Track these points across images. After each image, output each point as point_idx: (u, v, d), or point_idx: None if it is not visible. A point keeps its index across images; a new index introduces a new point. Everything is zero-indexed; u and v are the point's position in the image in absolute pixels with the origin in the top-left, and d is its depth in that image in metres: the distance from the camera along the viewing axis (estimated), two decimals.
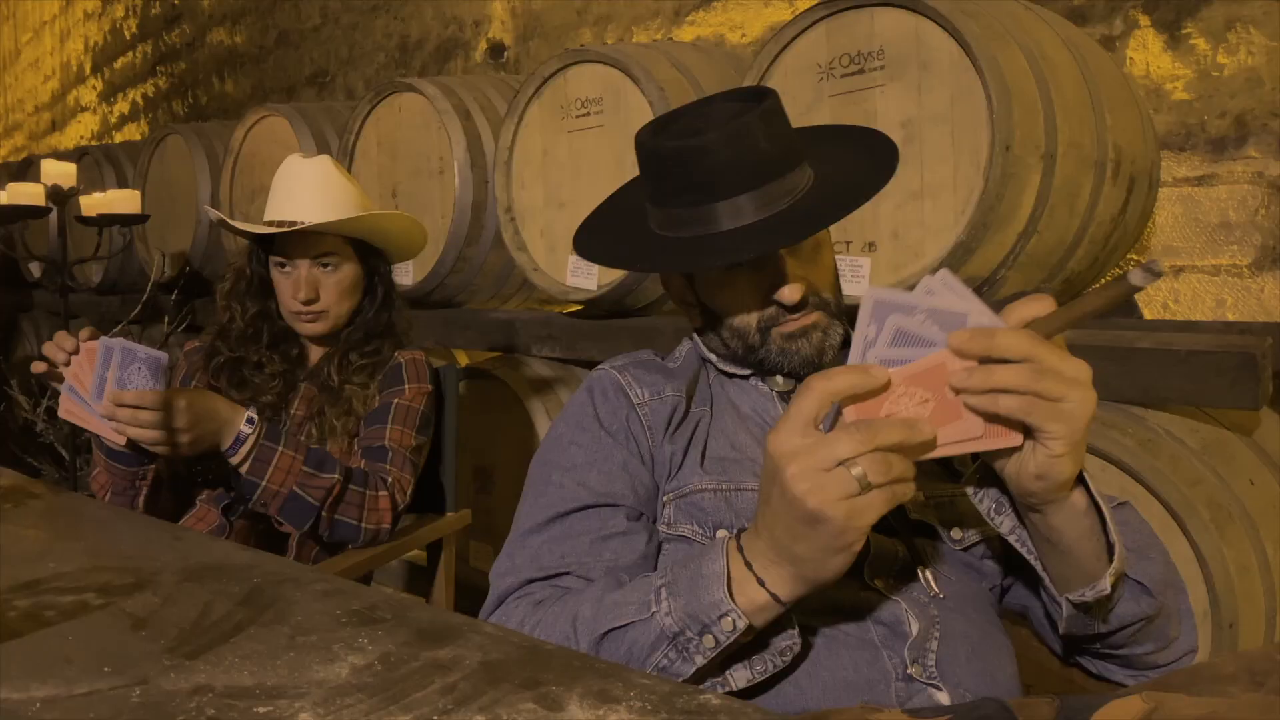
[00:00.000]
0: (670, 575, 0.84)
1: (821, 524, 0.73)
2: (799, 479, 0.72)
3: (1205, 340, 1.57)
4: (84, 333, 1.44)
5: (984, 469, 0.86)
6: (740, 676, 0.84)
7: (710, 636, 0.80)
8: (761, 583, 0.79)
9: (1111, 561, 0.80)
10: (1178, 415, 1.63)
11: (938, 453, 0.75)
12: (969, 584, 1.00)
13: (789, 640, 0.85)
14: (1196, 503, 1.41)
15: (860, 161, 1.08)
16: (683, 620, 0.81)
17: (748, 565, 0.80)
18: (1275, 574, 1.46)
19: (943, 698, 0.88)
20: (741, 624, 0.79)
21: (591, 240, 1.13)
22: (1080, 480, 0.80)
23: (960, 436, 0.75)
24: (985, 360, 0.73)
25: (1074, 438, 0.74)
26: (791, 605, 0.80)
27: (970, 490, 0.89)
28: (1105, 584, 0.81)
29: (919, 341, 0.75)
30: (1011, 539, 0.87)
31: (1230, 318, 2.03)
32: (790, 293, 1.01)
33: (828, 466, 0.72)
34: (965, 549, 1.01)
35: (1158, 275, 0.68)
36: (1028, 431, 0.75)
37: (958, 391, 0.74)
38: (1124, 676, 0.96)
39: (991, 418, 0.74)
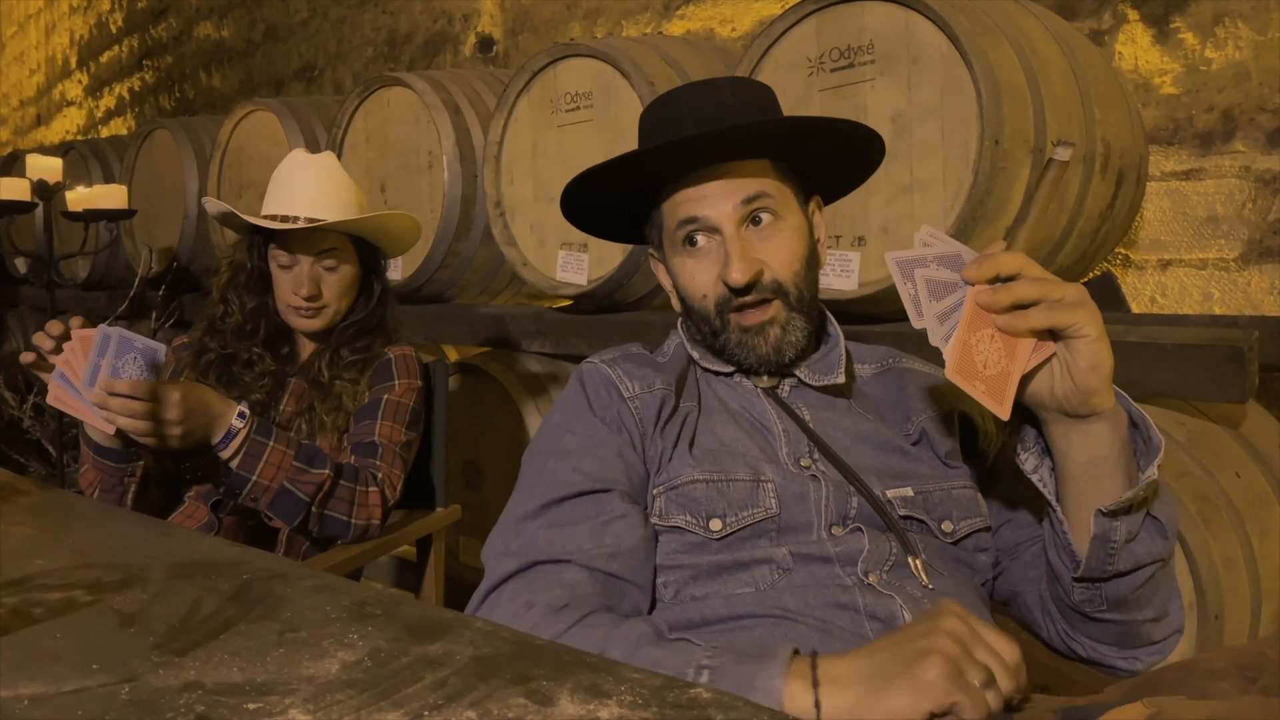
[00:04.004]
0: (716, 659, 0.78)
1: (925, 666, 0.71)
2: (953, 632, 0.72)
3: (1192, 334, 1.58)
4: (75, 320, 1.43)
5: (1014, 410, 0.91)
6: None
7: None
8: (815, 687, 0.74)
9: (1154, 458, 0.85)
10: (1165, 409, 1.64)
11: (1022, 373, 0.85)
12: (960, 578, 1.01)
13: None
14: (1183, 496, 1.42)
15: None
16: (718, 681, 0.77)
17: (814, 681, 0.75)
18: (1261, 566, 1.47)
19: None
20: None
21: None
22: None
23: (1025, 355, 0.85)
24: (995, 280, 0.83)
25: (1098, 321, 0.82)
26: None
27: (1006, 427, 0.95)
28: (1153, 471, 0.85)
29: (946, 286, 0.86)
30: (1034, 478, 0.92)
31: (1217, 311, 2.05)
32: (734, 272, 1.02)
33: (977, 654, 0.72)
34: (956, 542, 1.02)
35: (1072, 145, 0.88)
36: (1056, 337, 0.84)
37: (987, 309, 0.83)
38: (1117, 658, 0.97)
39: (1026, 333, 0.84)
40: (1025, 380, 0.85)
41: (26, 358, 1.44)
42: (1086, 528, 0.88)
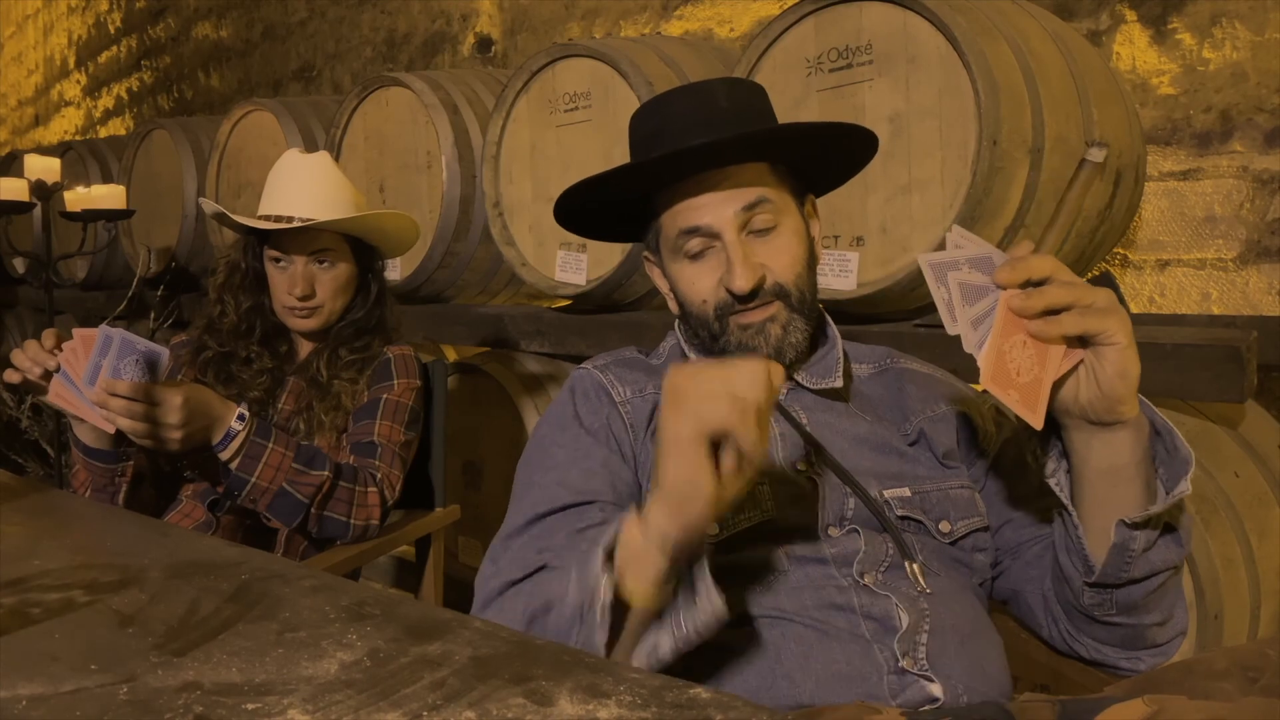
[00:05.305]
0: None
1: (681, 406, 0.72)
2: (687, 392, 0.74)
3: (1191, 334, 1.58)
4: (48, 337, 1.42)
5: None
6: (665, 645, 0.79)
7: (598, 605, 0.77)
8: (644, 520, 0.76)
9: (1184, 472, 0.85)
10: (1163, 408, 1.63)
11: (1053, 380, 0.84)
12: (957, 578, 1.01)
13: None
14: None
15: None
16: (579, 591, 0.80)
17: (640, 516, 0.76)
18: (1260, 566, 1.47)
19: (935, 689, 0.88)
20: (608, 583, 0.76)
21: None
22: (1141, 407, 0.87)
23: (1056, 362, 0.84)
24: (1026, 284, 0.82)
25: (1127, 327, 0.82)
26: (669, 554, 0.75)
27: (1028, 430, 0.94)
28: (1186, 485, 0.85)
29: (979, 289, 0.85)
30: (1050, 481, 0.92)
31: (1216, 311, 2.05)
32: (738, 280, 1.00)
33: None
34: (953, 542, 1.02)
35: (1105, 147, 0.89)
36: (1085, 343, 0.83)
37: (1019, 314, 0.82)
38: (1120, 658, 0.97)
39: (1058, 339, 0.83)
40: (1054, 387, 0.85)
41: (12, 377, 1.43)
42: (1102, 534, 0.88)
